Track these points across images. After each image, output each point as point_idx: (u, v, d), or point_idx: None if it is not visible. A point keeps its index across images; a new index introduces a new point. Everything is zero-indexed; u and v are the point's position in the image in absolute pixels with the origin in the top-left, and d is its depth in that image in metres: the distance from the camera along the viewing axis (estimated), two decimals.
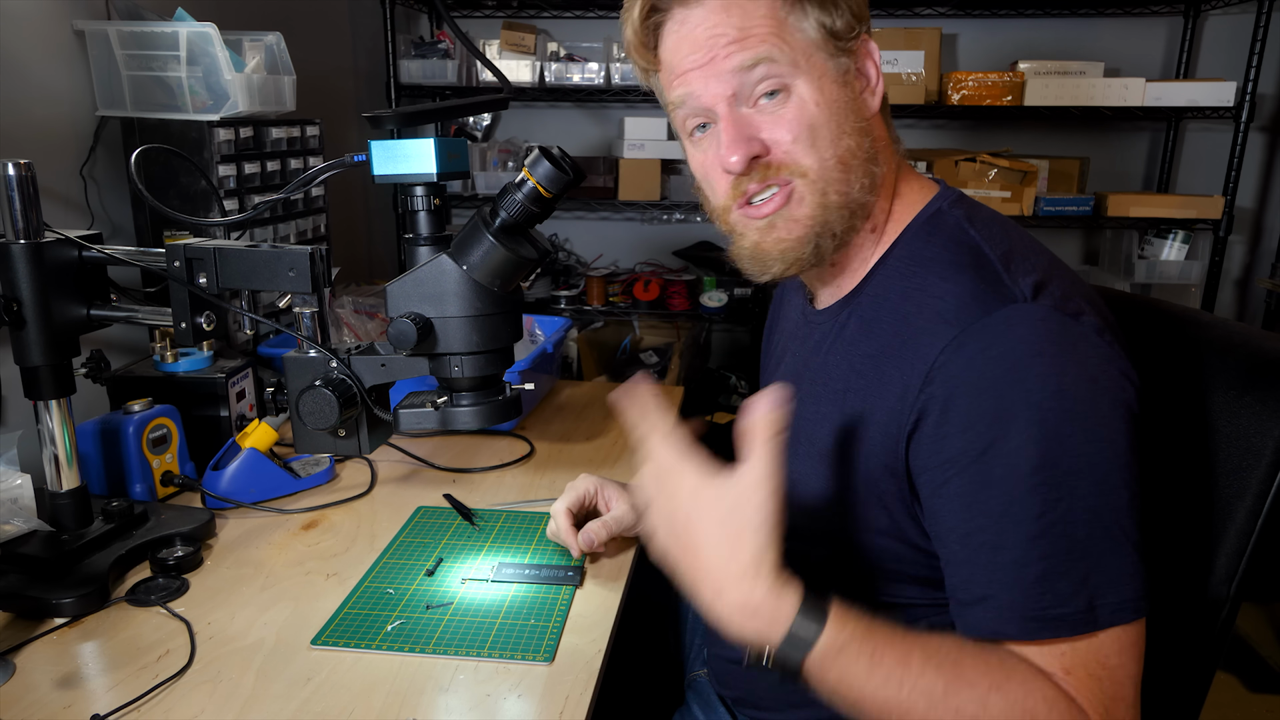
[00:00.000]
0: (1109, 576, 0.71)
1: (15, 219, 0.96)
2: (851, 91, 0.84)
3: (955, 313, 0.75)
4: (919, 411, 0.76)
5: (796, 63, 0.81)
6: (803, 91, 0.81)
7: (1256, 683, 2.18)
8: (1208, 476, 0.85)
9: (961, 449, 0.73)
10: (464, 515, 1.18)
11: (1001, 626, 0.72)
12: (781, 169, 0.82)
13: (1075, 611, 0.70)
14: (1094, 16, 2.87)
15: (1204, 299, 2.67)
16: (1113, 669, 0.71)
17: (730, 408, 2.96)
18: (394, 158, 0.94)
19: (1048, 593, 0.71)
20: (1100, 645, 0.71)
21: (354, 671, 0.86)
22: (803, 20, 0.81)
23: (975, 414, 0.72)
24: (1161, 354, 0.92)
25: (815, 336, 0.92)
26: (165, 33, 1.42)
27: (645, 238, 3.21)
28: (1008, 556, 0.72)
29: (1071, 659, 0.71)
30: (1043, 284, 0.75)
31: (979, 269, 0.78)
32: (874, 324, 0.84)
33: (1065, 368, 0.71)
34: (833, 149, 0.82)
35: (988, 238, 0.81)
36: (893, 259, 0.86)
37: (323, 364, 0.98)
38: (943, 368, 0.74)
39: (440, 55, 2.77)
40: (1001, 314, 0.73)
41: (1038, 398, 0.71)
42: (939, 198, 0.87)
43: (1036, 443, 0.70)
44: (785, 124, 0.82)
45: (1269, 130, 2.88)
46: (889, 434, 0.79)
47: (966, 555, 0.74)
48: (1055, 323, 0.73)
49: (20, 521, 0.99)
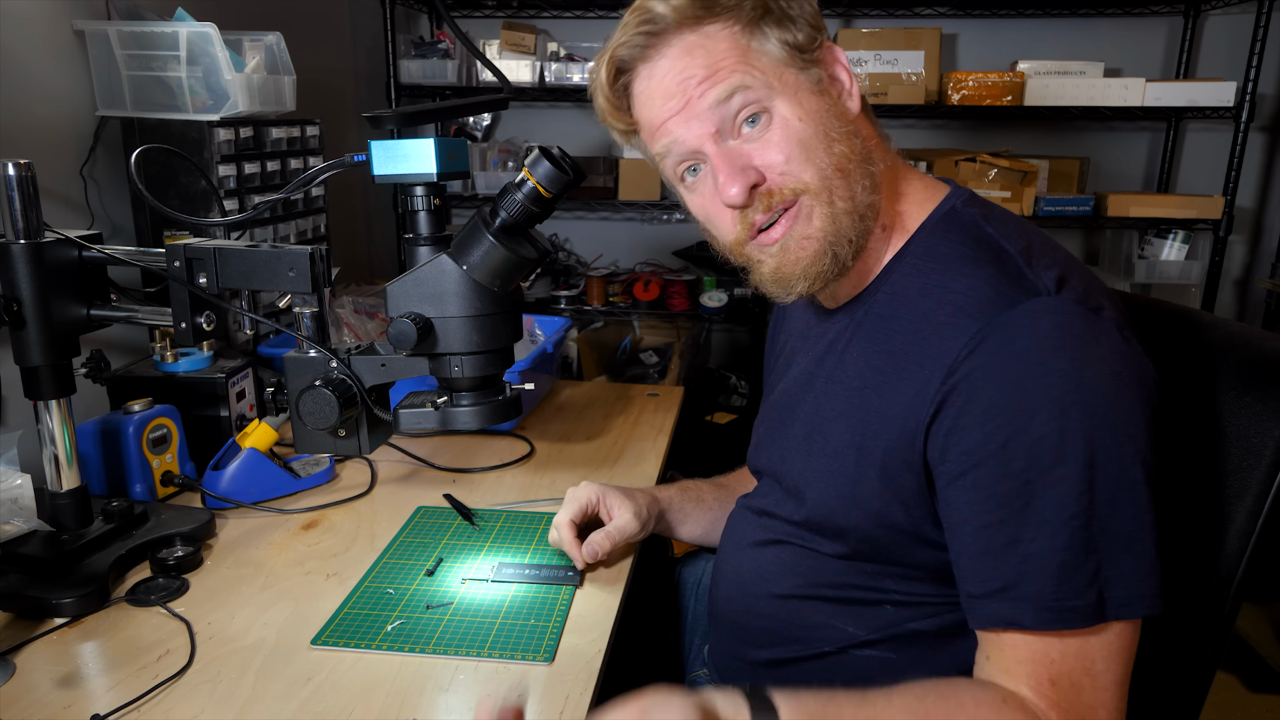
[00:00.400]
0: (1121, 571, 0.71)
1: (15, 219, 0.96)
2: (829, 99, 0.84)
3: (979, 307, 0.75)
4: (938, 403, 0.76)
5: (771, 84, 0.81)
6: (783, 110, 0.82)
7: (1256, 683, 2.18)
8: (1208, 477, 0.85)
9: (982, 440, 0.74)
10: (464, 515, 1.18)
11: (1016, 617, 0.73)
12: (783, 191, 0.82)
13: (1088, 604, 0.71)
14: (1094, 16, 2.87)
15: (1204, 299, 2.67)
16: (1098, 675, 0.72)
17: (730, 408, 2.96)
18: (394, 158, 0.94)
19: (1064, 584, 0.71)
20: (1091, 649, 0.72)
21: (354, 671, 0.86)
22: (765, 43, 0.82)
23: (998, 406, 0.73)
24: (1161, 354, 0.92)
25: (829, 335, 0.92)
26: (165, 33, 1.42)
27: (645, 238, 3.21)
28: (1026, 549, 0.72)
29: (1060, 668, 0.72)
30: (1064, 278, 0.76)
31: (1000, 264, 0.78)
32: (892, 321, 0.84)
33: (1088, 361, 0.72)
34: (828, 158, 0.82)
35: (1005, 234, 0.81)
36: (909, 256, 0.86)
37: (323, 364, 0.98)
38: (965, 360, 0.74)
39: (440, 55, 2.77)
40: (1025, 307, 0.73)
41: (1060, 390, 0.71)
42: (952, 196, 0.87)
43: (1058, 435, 0.71)
44: (774, 146, 0.82)
45: (1269, 130, 2.88)
46: (907, 428, 0.79)
47: (982, 547, 0.75)
48: (1079, 316, 0.73)
49: (20, 521, 0.99)
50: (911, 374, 0.79)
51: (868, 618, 0.89)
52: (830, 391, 0.89)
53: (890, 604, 0.88)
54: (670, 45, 0.83)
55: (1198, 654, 0.84)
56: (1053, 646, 0.73)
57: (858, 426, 0.84)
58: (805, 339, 0.99)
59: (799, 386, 0.96)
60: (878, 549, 0.85)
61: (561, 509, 1.08)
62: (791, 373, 1.00)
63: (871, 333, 0.86)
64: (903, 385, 0.80)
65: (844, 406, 0.86)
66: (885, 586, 0.87)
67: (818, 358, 0.93)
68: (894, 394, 0.81)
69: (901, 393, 0.80)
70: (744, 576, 0.99)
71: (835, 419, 0.88)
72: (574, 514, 1.07)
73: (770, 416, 1.03)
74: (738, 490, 1.20)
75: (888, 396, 0.81)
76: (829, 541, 0.90)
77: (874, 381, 0.83)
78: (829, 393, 0.89)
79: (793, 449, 0.94)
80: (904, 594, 0.86)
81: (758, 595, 0.96)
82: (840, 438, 0.86)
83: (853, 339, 0.88)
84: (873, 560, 0.87)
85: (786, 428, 0.97)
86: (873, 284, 0.88)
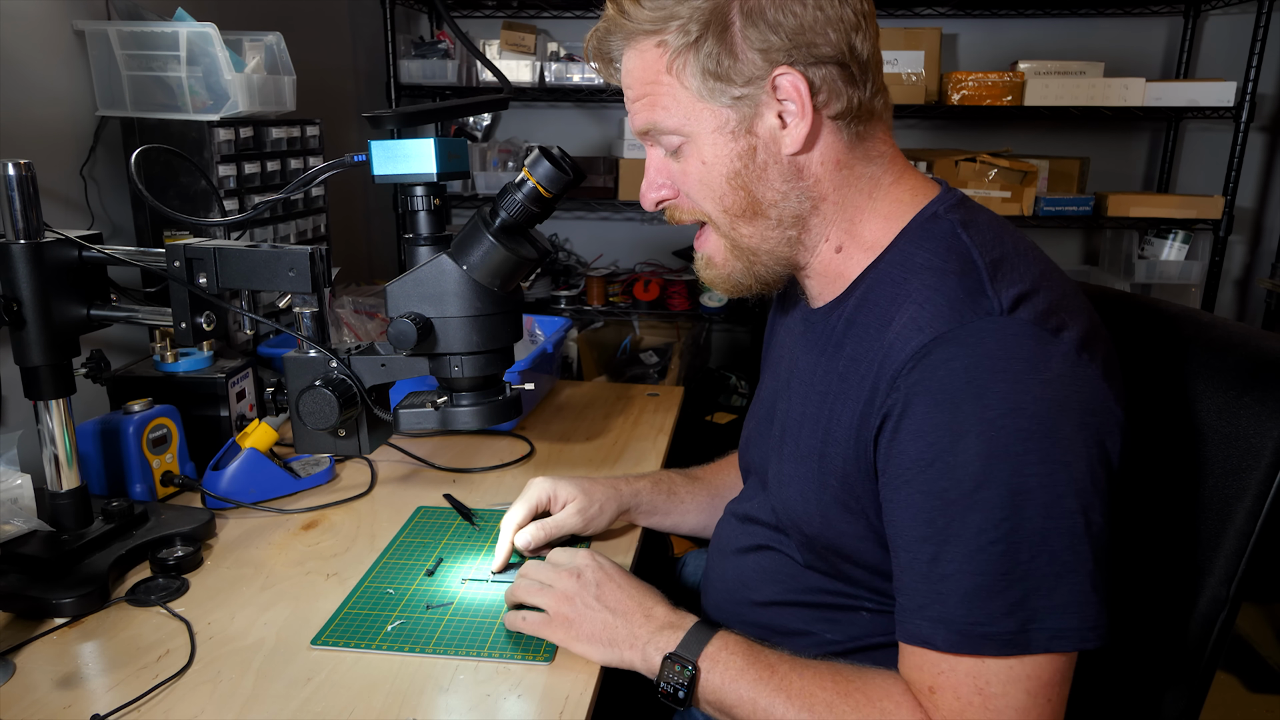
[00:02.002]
0: (1052, 602, 0.70)
1: (15, 219, 0.96)
2: (749, 141, 0.81)
3: (930, 320, 0.74)
4: (882, 415, 0.76)
5: (685, 120, 0.82)
6: (694, 148, 0.83)
7: (1256, 683, 2.18)
8: (1207, 477, 0.85)
9: (914, 457, 0.73)
10: (464, 515, 1.18)
11: (929, 635, 0.73)
12: (687, 214, 0.88)
13: (1004, 632, 0.70)
14: (1094, 16, 2.87)
15: (1204, 299, 2.67)
16: (990, 697, 0.71)
17: (730, 408, 2.96)
18: (394, 158, 0.94)
19: (976, 609, 0.70)
20: (984, 669, 0.71)
21: (354, 671, 0.86)
22: (686, 73, 0.80)
23: (930, 423, 0.72)
24: (1161, 354, 0.92)
25: (809, 337, 0.92)
26: (165, 33, 1.42)
27: (645, 238, 3.21)
28: (944, 568, 0.72)
29: (948, 679, 0.72)
30: (1026, 295, 0.73)
31: (964, 276, 0.76)
32: (858, 327, 0.83)
33: (1029, 386, 0.70)
34: (721, 204, 0.84)
35: (980, 244, 0.79)
36: (884, 263, 0.84)
37: (323, 364, 0.98)
38: (908, 374, 0.73)
39: (440, 55, 2.77)
40: (974, 325, 0.72)
41: (993, 414, 0.69)
42: (937, 201, 0.85)
43: (984, 459, 0.70)
44: (685, 178, 0.86)
45: (1269, 130, 2.88)
46: (860, 437, 0.79)
47: (908, 561, 0.75)
48: (1029, 339, 0.71)
49: (20, 521, 0.99)
50: (865, 381, 0.79)
51: (844, 624, 0.89)
52: (803, 395, 0.89)
53: (865, 610, 0.88)
54: (623, 48, 0.85)
55: (1198, 654, 0.84)
56: (943, 659, 0.72)
57: (820, 433, 0.84)
58: (791, 337, 0.99)
59: (780, 386, 0.96)
60: (845, 555, 0.85)
61: (512, 506, 1.08)
62: (777, 371, 1.00)
63: (839, 338, 0.85)
64: (858, 392, 0.79)
65: (813, 411, 0.86)
66: (858, 593, 0.87)
67: (795, 359, 0.94)
68: (851, 401, 0.80)
69: (858, 400, 0.79)
70: (728, 584, 1.00)
71: (803, 423, 0.88)
72: (524, 514, 1.07)
73: (757, 413, 1.04)
74: (713, 483, 1.21)
75: (846, 403, 0.81)
76: (797, 545, 0.90)
77: (836, 388, 0.83)
78: (802, 396, 0.89)
79: (771, 448, 0.95)
80: (876, 602, 0.86)
81: (741, 603, 0.97)
82: (807, 442, 0.86)
83: (825, 343, 0.88)
84: (841, 565, 0.87)
85: (767, 427, 0.97)
86: (847, 290, 0.87)
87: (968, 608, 0.71)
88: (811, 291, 0.92)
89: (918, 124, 3.01)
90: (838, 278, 0.88)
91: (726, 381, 3.02)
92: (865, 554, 0.83)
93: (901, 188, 0.86)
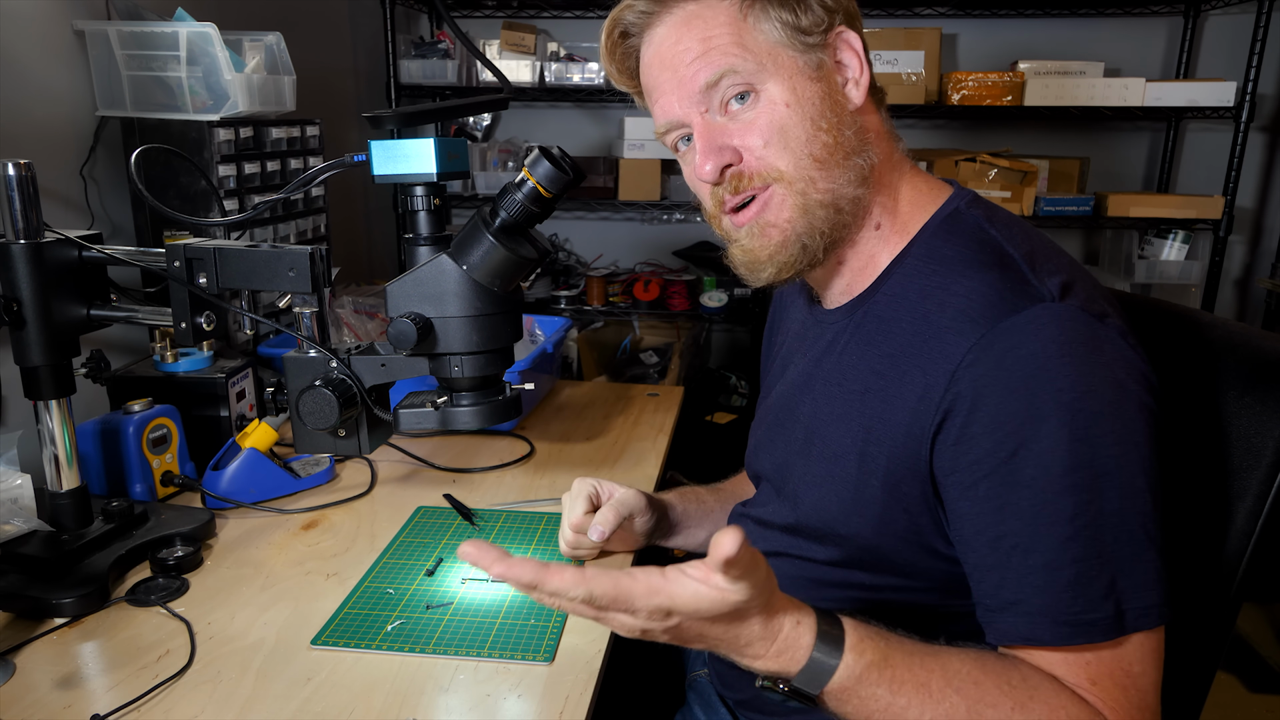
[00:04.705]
0: (1135, 581, 0.70)
1: (15, 219, 0.96)
2: (827, 85, 0.83)
3: (982, 311, 0.74)
4: (944, 411, 0.75)
5: (763, 65, 0.81)
6: (772, 93, 0.81)
7: (1256, 683, 2.18)
8: (1208, 477, 0.85)
9: (990, 450, 0.72)
10: (464, 515, 1.18)
11: (1034, 632, 0.72)
12: (755, 177, 0.83)
13: (1106, 616, 0.70)
14: (1094, 16, 2.87)
15: (1204, 299, 2.67)
16: (1136, 677, 0.71)
17: (730, 408, 2.96)
18: (394, 158, 0.94)
19: (1080, 597, 0.70)
20: (1125, 653, 0.71)
21: (354, 671, 0.86)
22: (764, 21, 0.81)
23: (1005, 414, 0.71)
24: (1161, 354, 0.92)
25: (827, 336, 0.91)
26: (165, 33, 1.42)
27: (645, 238, 3.21)
28: (1040, 560, 0.71)
29: (1098, 669, 0.71)
30: (1069, 285, 0.75)
31: (1004, 268, 0.77)
32: (892, 323, 0.83)
33: (1094, 369, 0.71)
34: (807, 148, 0.81)
35: (1009, 238, 0.80)
36: (910, 258, 0.84)
37: (323, 364, 0.98)
38: (970, 367, 0.73)
39: (440, 55, 2.77)
40: (1030, 312, 0.72)
41: (1069, 398, 0.70)
42: (955, 197, 0.86)
43: (1068, 444, 0.70)
44: (756, 129, 0.82)
45: (1269, 130, 2.88)
46: (912, 435, 0.78)
47: (997, 559, 0.73)
48: (1083, 324, 0.72)
49: (20, 521, 0.99)
50: (914, 378, 0.78)
51: None
52: (830, 394, 0.88)
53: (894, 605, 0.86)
54: (671, 13, 0.83)
55: (1198, 654, 0.84)
56: (1084, 652, 0.71)
57: (859, 431, 0.83)
58: (802, 339, 0.98)
59: (797, 388, 0.94)
60: (878, 557, 0.84)
61: (566, 511, 1.04)
62: (789, 374, 0.98)
63: (871, 335, 0.85)
64: (905, 390, 0.78)
65: (844, 410, 0.85)
66: (885, 598, 0.86)
67: (816, 359, 0.92)
68: (896, 399, 0.79)
69: (904, 398, 0.78)
70: None
71: (834, 422, 0.86)
72: (582, 510, 1.03)
73: (768, 418, 1.02)
74: (736, 494, 1.18)
75: (890, 401, 0.80)
76: (821, 547, 0.88)
77: (875, 385, 0.82)
78: (829, 395, 0.88)
79: (794, 451, 0.93)
80: (905, 604, 0.85)
81: None
82: (841, 441, 0.85)
83: (851, 340, 0.87)
84: (871, 569, 0.85)
85: (786, 430, 0.95)
86: (872, 285, 0.87)
87: (1072, 596, 0.70)
88: (835, 288, 0.91)
89: (917, 124, 3.01)
90: (868, 263, 0.87)
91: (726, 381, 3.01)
92: (902, 555, 0.82)
93: (919, 178, 0.89)
